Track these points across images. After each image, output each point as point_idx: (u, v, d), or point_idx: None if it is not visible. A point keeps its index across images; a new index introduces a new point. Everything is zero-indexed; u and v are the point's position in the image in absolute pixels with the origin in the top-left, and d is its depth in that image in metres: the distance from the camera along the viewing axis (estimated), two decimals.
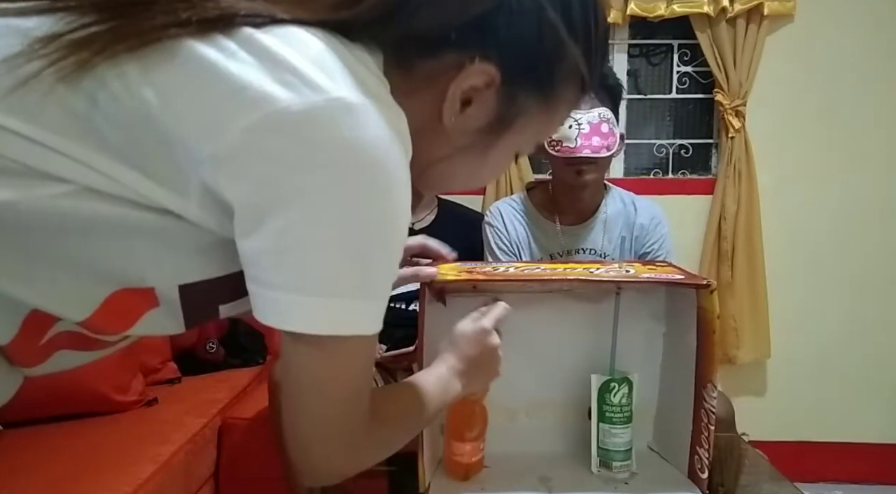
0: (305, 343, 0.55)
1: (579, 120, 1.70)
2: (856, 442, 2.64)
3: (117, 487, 1.46)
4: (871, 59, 2.53)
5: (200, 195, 0.51)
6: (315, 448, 0.59)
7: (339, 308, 0.53)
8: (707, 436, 0.96)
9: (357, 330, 0.55)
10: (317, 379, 0.57)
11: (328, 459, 0.60)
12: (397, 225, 0.55)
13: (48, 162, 0.49)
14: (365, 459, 0.64)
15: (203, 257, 0.56)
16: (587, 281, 0.99)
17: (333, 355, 0.56)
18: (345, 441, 0.60)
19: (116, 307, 0.56)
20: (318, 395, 0.57)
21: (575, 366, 1.08)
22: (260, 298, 0.53)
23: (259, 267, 0.53)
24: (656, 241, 1.86)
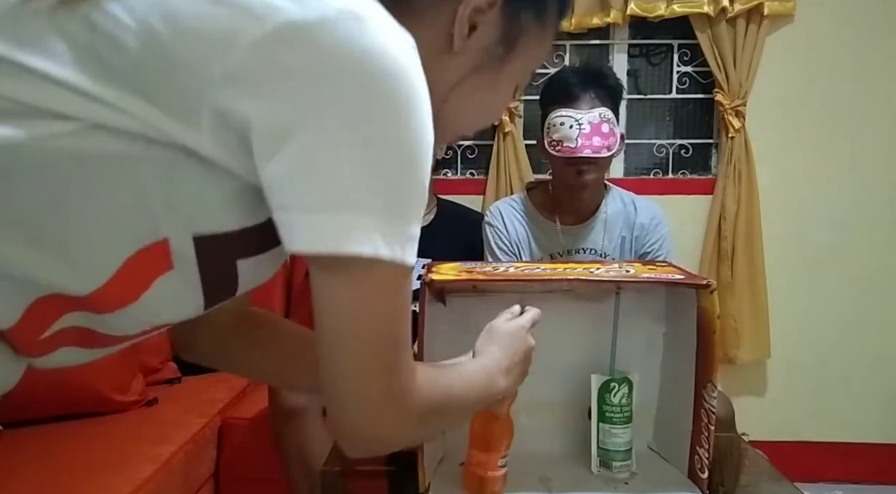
0: (337, 271, 0.51)
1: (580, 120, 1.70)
2: (856, 442, 2.64)
3: (117, 487, 1.46)
4: (871, 59, 2.54)
5: (213, 124, 0.48)
6: (359, 401, 0.55)
7: (371, 225, 0.49)
8: (707, 436, 0.96)
9: (391, 253, 0.51)
10: (353, 314, 0.52)
11: (375, 415, 0.55)
12: (424, 135, 0.52)
13: (50, 97, 0.47)
14: (413, 424, 0.59)
15: (219, 205, 0.53)
16: (587, 281, 0.99)
17: (368, 283, 0.51)
18: (391, 393, 0.55)
19: (130, 273, 0.53)
20: (357, 335, 0.53)
21: (575, 366, 1.08)
22: (287, 225, 0.50)
23: (283, 191, 0.49)
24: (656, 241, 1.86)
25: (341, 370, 0.54)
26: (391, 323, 0.54)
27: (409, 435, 0.61)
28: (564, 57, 2.68)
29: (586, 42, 2.66)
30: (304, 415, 1.74)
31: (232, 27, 0.47)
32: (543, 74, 2.57)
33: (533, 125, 2.50)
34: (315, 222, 0.49)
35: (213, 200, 0.52)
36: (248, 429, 1.97)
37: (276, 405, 1.75)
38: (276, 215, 0.51)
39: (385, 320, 0.54)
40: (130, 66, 0.47)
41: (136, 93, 0.48)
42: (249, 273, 0.59)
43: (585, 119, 1.70)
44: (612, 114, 1.74)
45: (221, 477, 1.98)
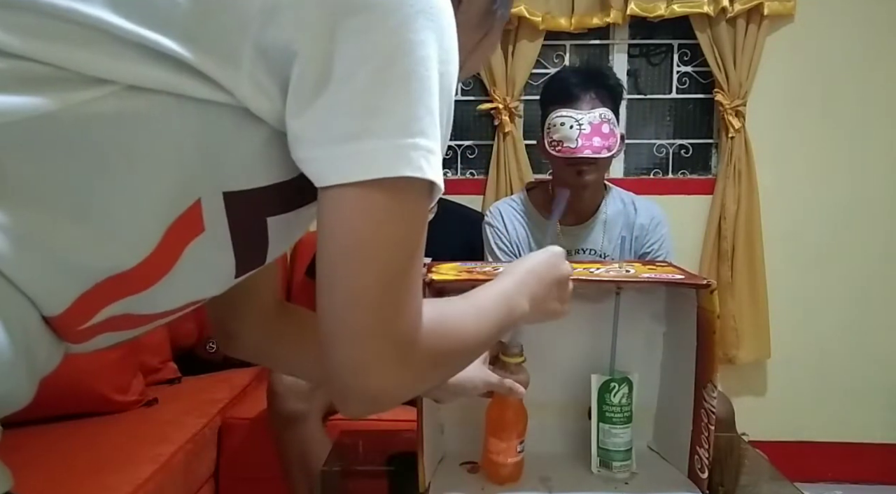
0: (356, 191, 0.50)
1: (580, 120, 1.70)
2: (856, 442, 2.63)
3: (117, 487, 1.46)
4: (871, 58, 2.54)
5: (252, 63, 0.49)
6: (360, 343, 0.51)
7: (404, 147, 0.50)
8: (707, 436, 0.96)
9: (429, 172, 0.51)
10: (368, 233, 0.50)
11: (376, 361, 0.51)
12: (453, 66, 0.53)
13: (88, 54, 0.47)
14: (421, 372, 0.55)
15: (249, 159, 0.53)
16: (587, 281, 0.99)
17: (391, 200, 0.50)
18: (396, 336, 0.52)
19: (169, 240, 0.52)
20: (368, 258, 0.50)
21: (575, 366, 1.08)
22: (319, 162, 0.50)
23: (317, 127, 0.49)
24: (656, 241, 1.86)
25: (343, 301, 0.51)
26: (406, 250, 0.52)
27: (412, 388, 0.57)
28: (564, 57, 2.68)
29: (586, 42, 2.66)
30: (303, 420, 1.74)
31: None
32: (543, 74, 2.57)
33: (533, 125, 2.50)
34: (351, 152, 0.49)
35: (244, 154, 0.52)
36: (248, 429, 1.97)
37: (276, 410, 1.75)
38: (307, 153, 0.51)
39: (400, 247, 0.52)
40: (173, 5, 0.48)
41: (177, 35, 0.48)
42: (279, 232, 0.59)
43: (585, 119, 1.70)
44: (612, 114, 1.74)
45: (221, 477, 1.98)
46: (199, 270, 0.56)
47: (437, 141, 0.52)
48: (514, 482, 1.01)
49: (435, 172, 0.52)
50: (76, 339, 0.56)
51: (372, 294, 0.50)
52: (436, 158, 0.52)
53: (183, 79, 0.49)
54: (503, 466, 1.00)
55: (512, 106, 2.52)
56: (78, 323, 0.54)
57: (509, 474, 1.01)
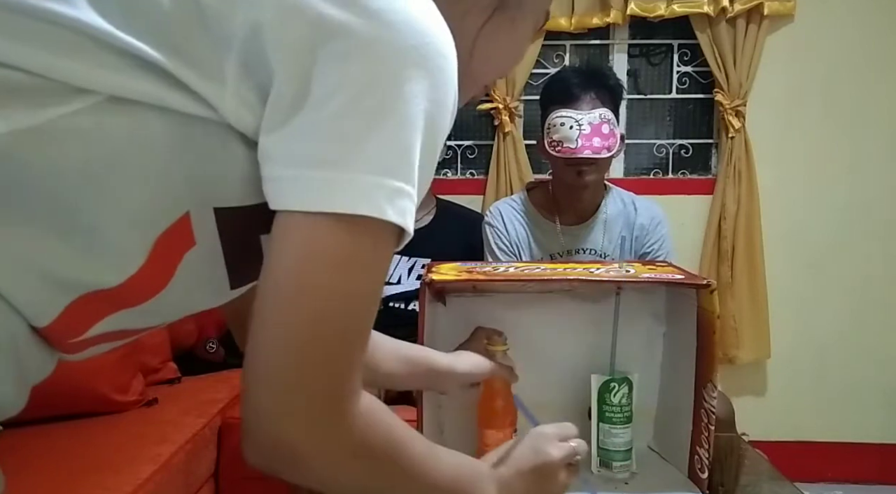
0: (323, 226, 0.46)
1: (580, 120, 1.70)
2: (856, 442, 2.63)
3: (117, 487, 1.46)
4: (871, 58, 2.53)
5: (237, 79, 0.47)
6: (278, 387, 0.47)
7: (372, 185, 0.47)
8: (707, 436, 0.96)
9: (381, 213, 0.47)
10: (310, 276, 0.47)
11: (286, 413, 0.47)
12: (446, 115, 0.51)
13: (72, 60, 0.46)
14: (333, 449, 0.50)
15: (237, 177, 0.51)
16: (587, 281, 0.99)
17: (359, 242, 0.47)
18: (333, 392, 0.48)
19: (159, 255, 0.51)
20: (304, 302, 0.46)
21: (575, 366, 1.08)
22: (278, 183, 0.47)
23: (284, 147, 0.47)
24: (656, 241, 1.86)
25: (270, 337, 0.47)
26: (351, 302, 0.48)
27: (316, 460, 0.50)
28: (564, 57, 2.68)
29: (586, 42, 2.66)
30: None
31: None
32: (543, 74, 2.57)
33: (533, 125, 2.50)
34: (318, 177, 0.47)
35: (233, 171, 0.51)
36: None
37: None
38: (272, 171, 0.48)
39: (344, 296, 0.48)
40: (160, 15, 0.47)
41: (163, 45, 0.47)
42: None
43: (586, 119, 1.70)
44: (612, 114, 1.74)
45: (221, 477, 1.97)
46: (194, 284, 0.55)
47: (412, 184, 0.49)
48: None
49: (400, 216, 0.48)
50: (70, 350, 0.56)
51: (300, 339, 0.47)
52: (406, 202, 0.49)
53: (167, 91, 0.47)
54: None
55: (512, 106, 2.52)
56: (69, 335, 0.54)
57: None
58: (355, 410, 0.50)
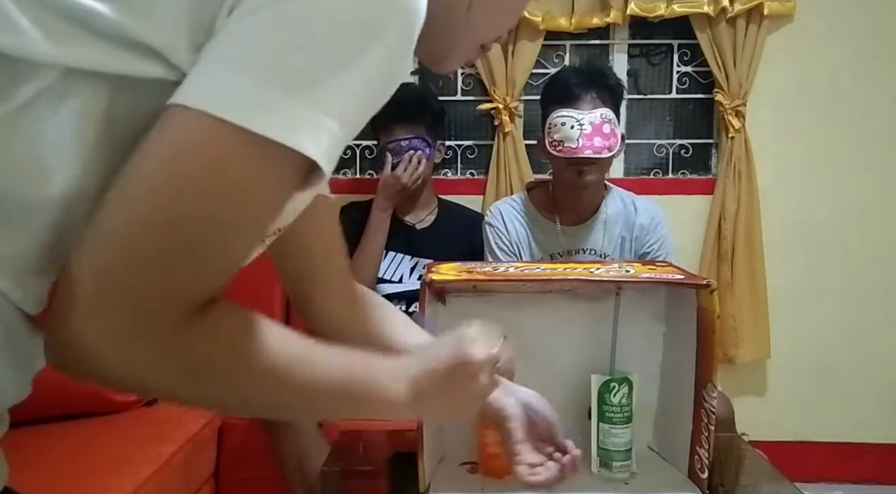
0: (204, 126, 0.43)
1: (581, 120, 1.70)
2: (856, 442, 2.63)
3: (117, 487, 1.46)
4: (871, 58, 2.53)
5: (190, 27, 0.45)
6: (86, 276, 0.43)
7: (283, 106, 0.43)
8: (707, 436, 0.96)
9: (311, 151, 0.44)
10: (177, 174, 0.43)
11: (99, 316, 0.43)
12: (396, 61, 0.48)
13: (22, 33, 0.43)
14: (146, 356, 0.44)
15: None
16: (587, 281, 1.00)
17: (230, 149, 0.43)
18: (136, 295, 0.43)
19: None
20: (160, 194, 0.43)
21: (575, 366, 1.08)
22: (194, 77, 0.44)
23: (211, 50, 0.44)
24: (656, 241, 1.86)
25: (106, 221, 0.43)
26: (236, 225, 0.45)
27: (152, 366, 0.45)
28: (564, 57, 2.68)
29: (586, 42, 2.65)
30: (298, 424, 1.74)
31: None
32: (543, 74, 2.57)
33: (533, 125, 2.50)
34: (222, 78, 0.44)
35: None
36: (248, 429, 1.97)
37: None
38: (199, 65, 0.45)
39: (207, 200, 0.43)
40: None
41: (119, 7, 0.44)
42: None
43: (586, 119, 1.70)
44: (612, 114, 1.74)
45: (221, 477, 1.98)
46: None
47: (341, 121, 0.45)
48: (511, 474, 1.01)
49: (323, 155, 0.45)
50: None
51: (148, 233, 0.42)
52: (328, 138, 0.45)
53: (122, 54, 0.45)
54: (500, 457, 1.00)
55: (512, 106, 2.52)
56: None
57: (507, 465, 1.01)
58: (202, 323, 0.45)
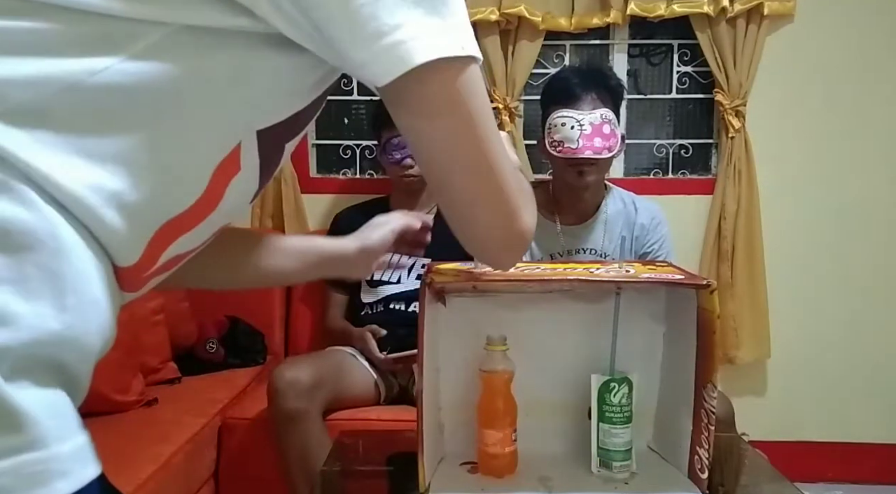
0: (431, 104, 0.55)
1: (581, 120, 1.70)
2: (856, 442, 2.63)
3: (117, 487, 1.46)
4: (871, 58, 2.53)
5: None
6: (505, 223, 0.63)
7: (448, 28, 0.53)
8: (707, 436, 0.96)
9: (470, 48, 0.55)
10: (467, 141, 0.58)
11: (519, 212, 0.63)
12: None
13: None
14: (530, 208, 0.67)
15: (279, 90, 0.56)
16: (587, 281, 0.99)
17: (465, 93, 0.55)
18: (520, 194, 0.62)
19: (215, 181, 0.56)
20: (478, 161, 0.58)
21: (575, 366, 1.08)
22: (363, 65, 0.53)
23: (347, 33, 0.52)
24: (656, 241, 1.86)
25: (480, 199, 0.61)
26: (491, 133, 0.59)
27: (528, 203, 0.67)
28: (564, 57, 2.68)
29: (586, 42, 2.66)
30: (304, 419, 1.74)
31: None
32: (543, 74, 2.57)
33: (533, 125, 2.50)
34: (386, 48, 0.51)
35: (276, 89, 0.55)
36: (248, 429, 1.97)
37: (276, 408, 1.75)
38: (351, 66, 0.54)
39: (488, 133, 0.59)
40: None
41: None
42: (289, 151, 0.63)
43: (587, 120, 1.70)
44: (613, 114, 1.74)
45: (221, 477, 1.98)
46: (233, 204, 0.61)
47: (459, 14, 0.54)
48: (511, 473, 1.02)
49: (471, 46, 0.55)
50: (137, 287, 0.59)
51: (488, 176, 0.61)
52: (465, 31, 0.55)
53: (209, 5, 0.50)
54: (500, 457, 1.01)
55: (512, 106, 2.52)
56: (146, 268, 0.57)
57: (506, 465, 1.02)
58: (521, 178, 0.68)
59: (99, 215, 0.50)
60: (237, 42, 0.52)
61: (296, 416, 1.74)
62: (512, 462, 1.03)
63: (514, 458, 1.03)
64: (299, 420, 1.74)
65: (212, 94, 0.53)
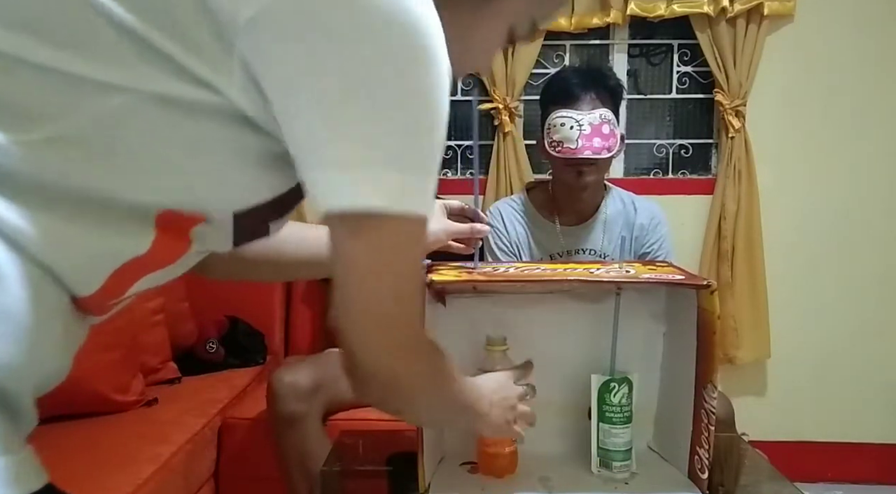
0: (351, 224, 0.52)
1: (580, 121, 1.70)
2: (856, 442, 2.63)
3: (117, 487, 1.46)
4: (871, 58, 2.53)
5: (242, 76, 0.50)
6: (369, 349, 0.58)
7: (389, 181, 0.51)
8: (707, 436, 0.96)
9: (409, 207, 0.52)
10: (365, 267, 0.54)
11: (383, 364, 0.59)
12: (442, 93, 0.53)
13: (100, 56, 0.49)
14: (416, 365, 0.62)
15: (254, 179, 0.55)
16: (587, 281, 0.99)
17: (382, 236, 0.53)
18: (396, 337, 0.58)
19: (169, 227, 0.56)
20: (367, 287, 0.55)
21: (575, 366, 1.08)
22: (313, 184, 0.52)
23: (307, 150, 0.51)
24: (656, 241, 1.86)
25: (352, 315, 0.56)
26: (406, 270, 0.56)
27: (418, 383, 0.64)
28: (564, 57, 2.68)
29: (586, 42, 2.66)
30: (303, 421, 1.74)
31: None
32: (543, 74, 2.57)
33: (533, 125, 2.50)
34: (334, 179, 0.51)
35: (250, 172, 0.55)
36: (248, 429, 1.97)
37: (275, 410, 1.75)
38: (301, 175, 0.52)
39: (401, 274, 0.56)
40: (165, 3, 0.49)
41: (170, 36, 0.49)
42: (280, 226, 0.64)
43: (586, 120, 1.70)
44: (612, 115, 1.74)
45: (221, 477, 1.97)
46: (209, 247, 0.61)
47: (424, 170, 0.53)
48: (511, 473, 1.02)
49: (418, 201, 0.53)
50: (105, 312, 0.60)
51: (370, 314, 0.56)
52: (420, 187, 0.53)
53: (177, 81, 0.50)
54: (500, 457, 1.01)
55: (512, 106, 2.52)
56: (111, 298, 0.58)
57: (506, 465, 1.02)
58: (429, 341, 0.65)
59: (44, 251, 0.50)
60: (200, 113, 0.51)
61: (295, 419, 1.73)
62: (512, 462, 1.03)
63: (515, 458, 1.03)
64: (298, 424, 1.74)
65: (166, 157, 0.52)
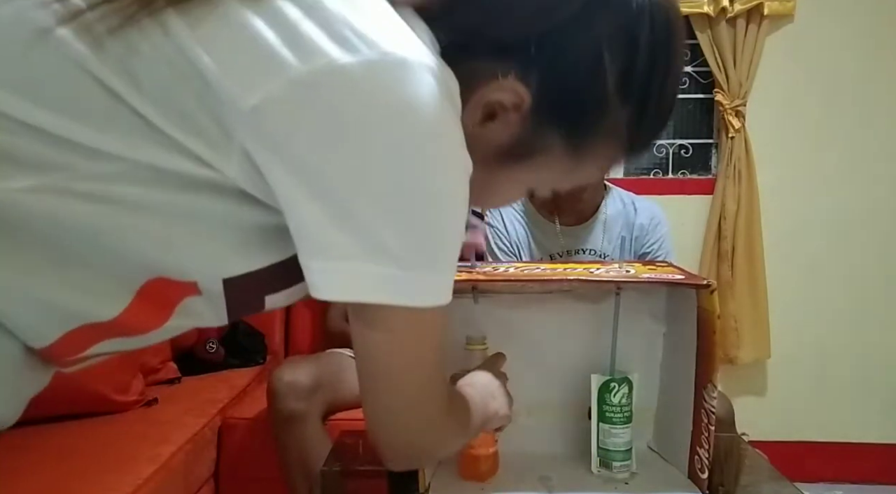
0: (366, 315, 0.52)
1: None
2: (856, 442, 2.64)
3: (117, 487, 1.46)
4: (871, 58, 2.54)
5: (241, 159, 0.48)
6: (396, 434, 0.60)
7: (409, 279, 0.50)
8: (707, 436, 0.96)
9: (429, 301, 0.52)
10: (385, 358, 0.55)
11: (410, 444, 0.62)
12: (460, 189, 0.51)
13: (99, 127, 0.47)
14: (442, 435, 0.66)
15: (246, 245, 0.53)
16: (587, 281, 0.99)
17: (396, 327, 0.53)
18: (424, 425, 0.61)
19: (152, 297, 0.53)
20: (389, 377, 0.56)
21: (575, 366, 1.08)
22: (316, 272, 0.50)
23: (311, 238, 0.49)
24: (656, 241, 1.86)
25: (379, 408, 0.59)
26: (428, 360, 0.57)
27: (442, 447, 0.70)
28: None
29: None
30: (303, 420, 1.74)
31: (275, 61, 0.46)
32: None
33: None
34: (353, 270, 0.49)
35: (241, 243, 0.52)
36: (248, 429, 1.97)
37: (276, 410, 1.75)
38: (303, 260, 0.50)
39: (424, 365, 0.57)
40: (166, 93, 0.47)
41: (171, 118, 0.47)
42: (278, 302, 0.59)
43: None
44: None
45: (221, 477, 1.98)
46: (194, 318, 0.57)
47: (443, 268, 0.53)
48: (493, 475, 1.01)
49: (437, 295, 0.53)
50: (67, 364, 0.58)
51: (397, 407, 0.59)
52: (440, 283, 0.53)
53: (174, 157, 0.48)
54: (483, 459, 1.00)
55: None
56: (67, 355, 0.56)
57: (489, 467, 1.01)
58: (445, 414, 0.64)
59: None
60: (195, 185, 0.49)
61: (295, 418, 1.73)
62: (494, 465, 1.02)
63: (496, 461, 1.02)
64: (298, 423, 1.74)
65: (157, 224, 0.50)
